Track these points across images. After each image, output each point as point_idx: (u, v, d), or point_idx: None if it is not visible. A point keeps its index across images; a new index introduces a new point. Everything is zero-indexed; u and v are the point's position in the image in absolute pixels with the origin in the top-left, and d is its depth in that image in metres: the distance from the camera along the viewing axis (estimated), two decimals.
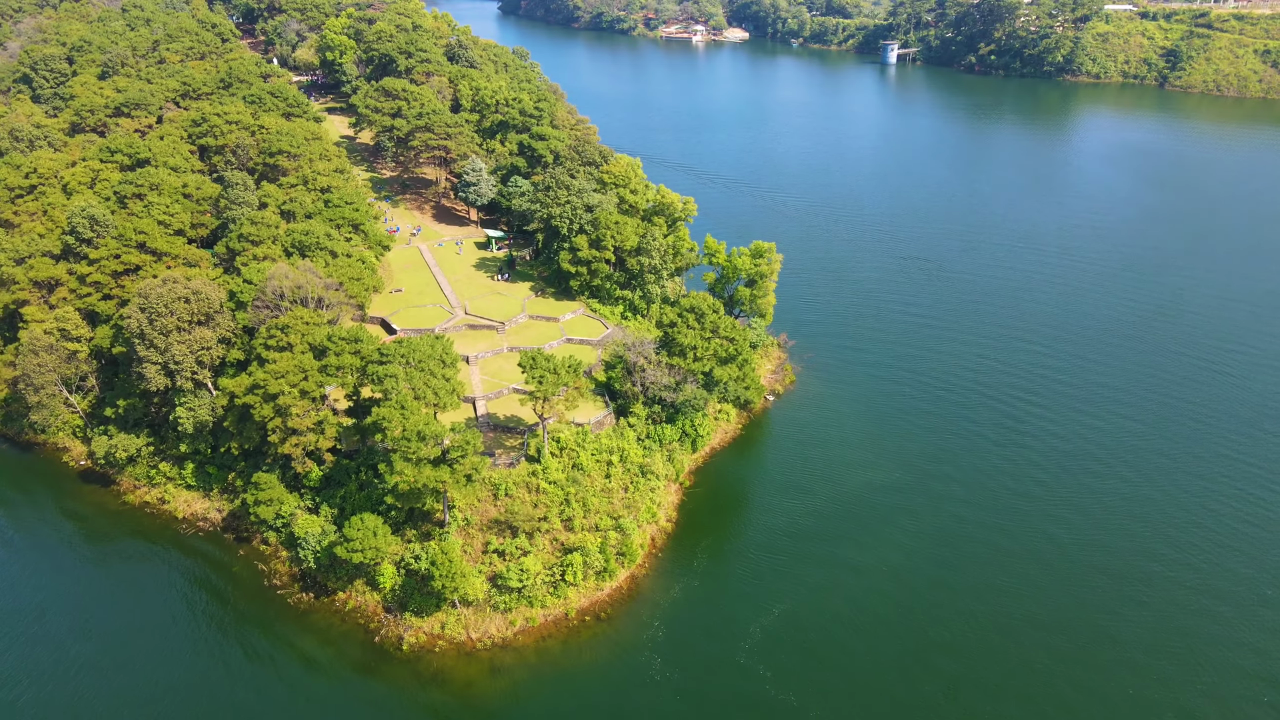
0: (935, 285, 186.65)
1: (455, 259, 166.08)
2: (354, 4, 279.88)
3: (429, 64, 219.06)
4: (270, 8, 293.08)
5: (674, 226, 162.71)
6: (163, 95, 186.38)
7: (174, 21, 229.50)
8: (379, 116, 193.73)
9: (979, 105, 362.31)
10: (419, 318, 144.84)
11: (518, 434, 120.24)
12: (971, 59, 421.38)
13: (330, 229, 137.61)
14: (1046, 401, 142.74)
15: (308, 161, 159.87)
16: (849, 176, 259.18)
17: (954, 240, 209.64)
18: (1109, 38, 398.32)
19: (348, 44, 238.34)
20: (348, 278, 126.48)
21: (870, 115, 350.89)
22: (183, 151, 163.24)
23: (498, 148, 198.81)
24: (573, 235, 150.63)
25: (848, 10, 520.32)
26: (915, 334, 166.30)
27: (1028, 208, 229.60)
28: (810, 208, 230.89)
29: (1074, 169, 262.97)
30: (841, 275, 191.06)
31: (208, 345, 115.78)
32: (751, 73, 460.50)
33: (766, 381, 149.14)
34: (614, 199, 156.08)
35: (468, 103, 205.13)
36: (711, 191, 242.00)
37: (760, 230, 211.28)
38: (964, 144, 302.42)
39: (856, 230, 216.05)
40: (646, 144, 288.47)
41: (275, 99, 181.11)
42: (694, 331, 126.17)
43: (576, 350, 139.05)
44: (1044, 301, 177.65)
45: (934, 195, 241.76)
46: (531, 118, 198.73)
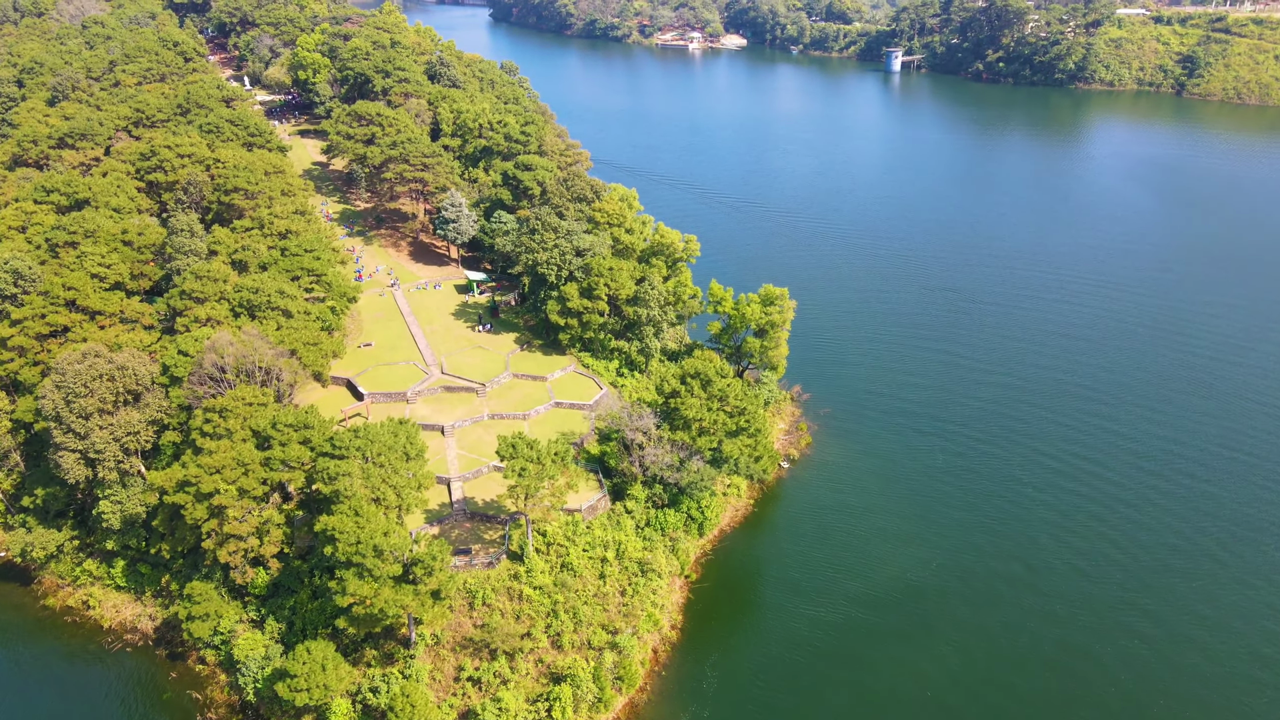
0: (962, 319, 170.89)
1: (432, 306, 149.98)
2: (331, 18, 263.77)
3: (408, 84, 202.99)
4: (243, 22, 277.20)
5: (674, 268, 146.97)
6: (113, 124, 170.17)
7: (133, 40, 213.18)
8: (350, 144, 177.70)
9: (990, 116, 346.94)
10: (389, 378, 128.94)
11: (498, 523, 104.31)
12: (979, 66, 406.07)
13: (286, 282, 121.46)
14: (1108, 462, 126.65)
15: (266, 200, 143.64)
16: (859, 196, 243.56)
17: (978, 267, 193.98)
18: (1122, 44, 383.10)
19: (321, 62, 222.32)
20: (302, 343, 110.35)
21: (877, 127, 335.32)
22: (129, 189, 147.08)
23: (481, 176, 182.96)
24: (561, 283, 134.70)
25: (848, 16, 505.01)
26: (944, 377, 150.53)
27: (1056, 231, 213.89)
28: (818, 230, 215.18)
29: (1099, 187, 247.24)
30: (856, 308, 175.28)
31: (134, 430, 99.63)
32: (750, 82, 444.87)
33: (780, 445, 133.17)
34: (607, 240, 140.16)
35: (448, 127, 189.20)
36: (713, 213, 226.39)
37: (766, 259, 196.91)
38: (979, 159, 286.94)
39: (870, 256, 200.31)
40: (643, 160, 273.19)
41: (235, 127, 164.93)
42: (699, 400, 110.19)
43: (566, 417, 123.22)
44: (1088, 339, 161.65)
45: (952, 216, 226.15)
46: (518, 143, 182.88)
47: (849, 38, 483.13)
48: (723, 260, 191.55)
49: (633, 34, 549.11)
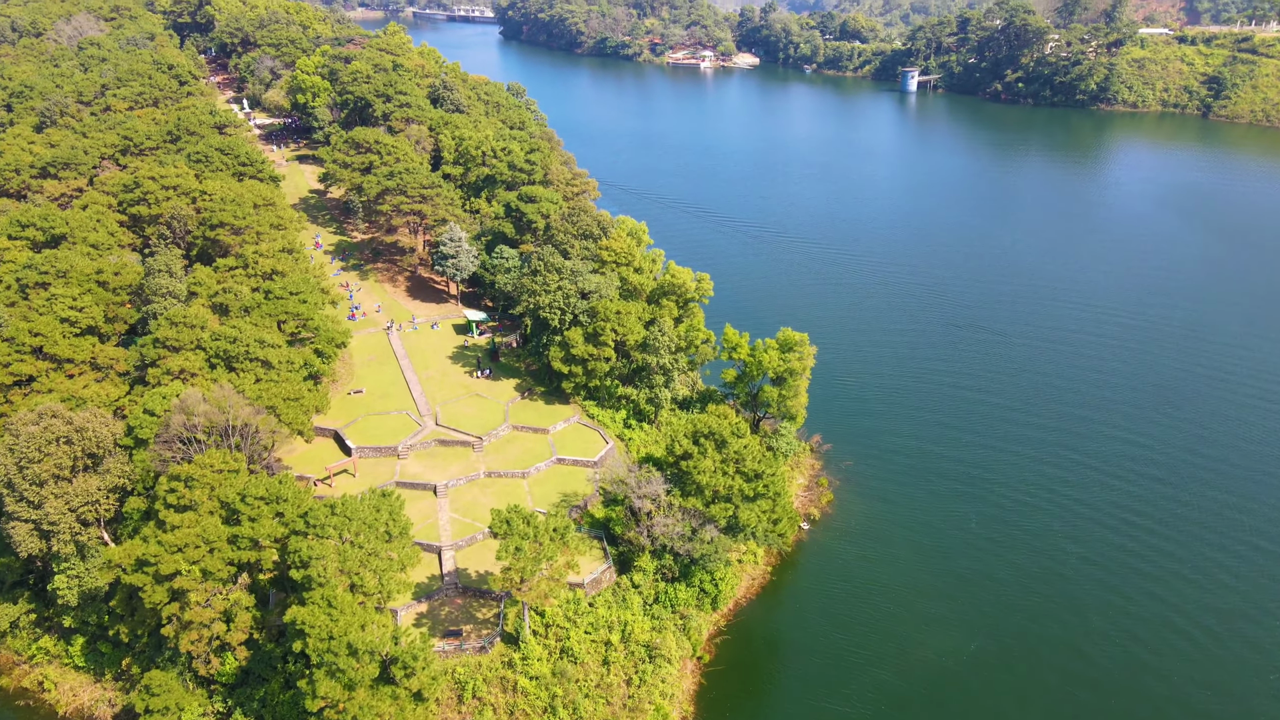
0: (992, 359, 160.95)
1: (429, 348, 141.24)
2: (333, 39, 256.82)
3: (409, 109, 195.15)
4: (245, 42, 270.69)
5: (686, 308, 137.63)
6: (99, 152, 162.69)
7: (126, 63, 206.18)
8: (347, 173, 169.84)
9: (1010, 138, 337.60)
10: (380, 430, 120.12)
11: (493, 599, 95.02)
12: (997, 86, 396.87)
13: (269, 328, 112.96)
14: (1163, 526, 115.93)
15: (254, 236, 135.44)
16: (877, 224, 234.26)
17: (1008, 302, 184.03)
18: (1145, 64, 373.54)
19: (321, 85, 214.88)
20: (282, 399, 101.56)
21: (895, 150, 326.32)
22: (109, 223, 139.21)
23: (483, 207, 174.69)
24: (565, 328, 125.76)
25: (863, 35, 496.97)
26: (975, 424, 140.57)
27: (1089, 264, 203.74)
28: (837, 260, 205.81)
29: (1130, 215, 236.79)
30: (879, 347, 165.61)
31: (93, 499, 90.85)
32: (763, 102, 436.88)
33: (799, 503, 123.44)
34: (614, 280, 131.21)
35: (450, 155, 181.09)
36: (726, 241, 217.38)
37: (781, 292, 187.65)
38: (1001, 184, 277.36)
39: (892, 289, 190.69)
40: (654, 184, 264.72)
41: (225, 156, 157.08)
42: (713, 463, 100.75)
43: (569, 476, 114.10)
44: (1131, 384, 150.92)
45: (976, 247, 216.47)
46: (522, 172, 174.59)
47: (863, 57, 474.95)
48: (737, 293, 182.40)
49: (644, 52, 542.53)
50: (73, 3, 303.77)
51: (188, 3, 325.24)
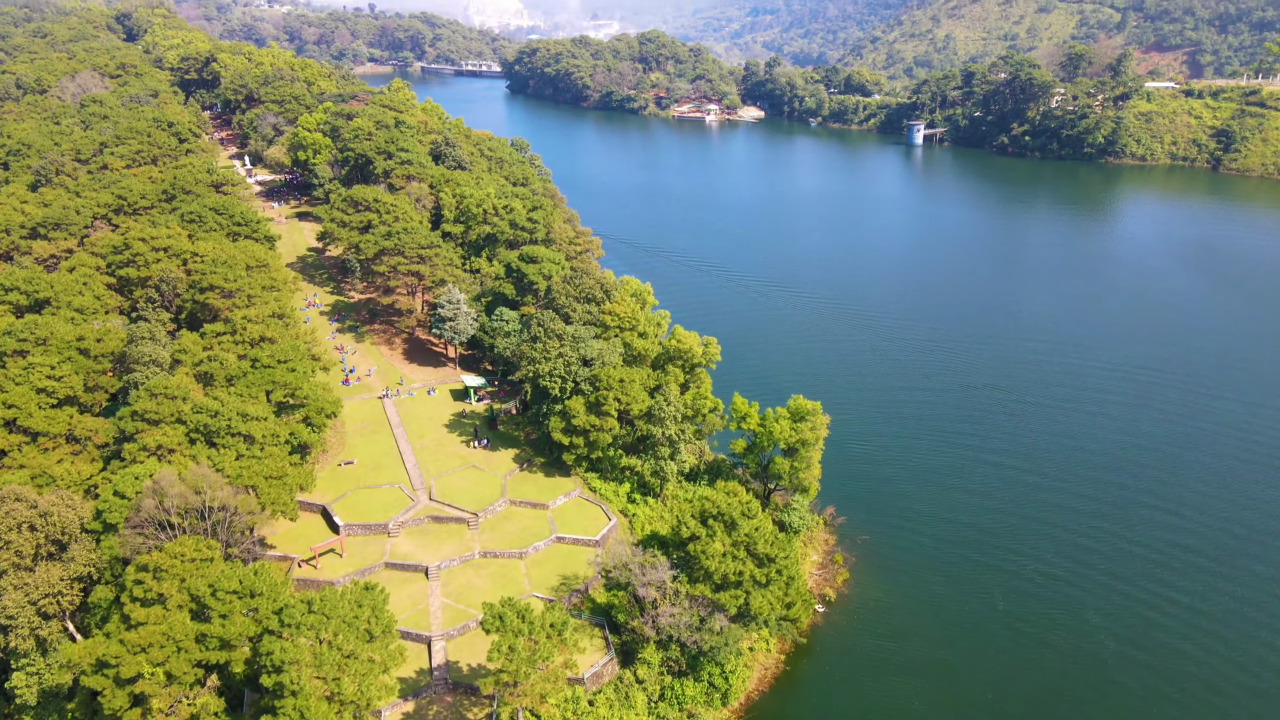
0: (1012, 422, 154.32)
1: (425, 416, 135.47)
2: (337, 95, 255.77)
3: (410, 166, 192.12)
4: (249, 99, 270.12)
5: (693, 373, 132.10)
6: (91, 211, 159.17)
7: (126, 121, 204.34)
8: (345, 232, 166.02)
9: (1019, 192, 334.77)
10: (370, 505, 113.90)
11: (486, 698, 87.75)
12: (1004, 139, 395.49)
13: (254, 399, 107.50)
14: (1209, 605, 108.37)
15: (244, 299, 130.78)
16: (888, 280, 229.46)
17: (1026, 362, 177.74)
18: (1152, 117, 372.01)
19: (323, 142, 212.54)
20: (264, 477, 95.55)
21: (903, 204, 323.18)
22: (96, 286, 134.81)
23: (484, 266, 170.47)
24: (566, 397, 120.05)
25: (867, 89, 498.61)
26: (997, 492, 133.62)
27: (1109, 323, 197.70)
28: (847, 317, 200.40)
29: (1147, 272, 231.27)
30: (893, 409, 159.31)
31: (55, 590, 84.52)
32: (769, 155, 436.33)
33: (813, 583, 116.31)
34: (618, 347, 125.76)
35: (450, 213, 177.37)
36: (734, 297, 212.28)
37: (790, 351, 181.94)
38: (1014, 239, 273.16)
39: (905, 347, 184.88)
40: (660, 239, 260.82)
41: (219, 216, 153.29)
42: (722, 547, 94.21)
43: (569, 556, 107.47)
44: (1161, 449, 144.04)
45: (989, 303, 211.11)
46: (523, 230, 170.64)
47: (868, 110, 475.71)
48: (745, 352, 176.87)
49: (649, 105, 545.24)
50: (79, 60, 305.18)
51: (194, 60, 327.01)
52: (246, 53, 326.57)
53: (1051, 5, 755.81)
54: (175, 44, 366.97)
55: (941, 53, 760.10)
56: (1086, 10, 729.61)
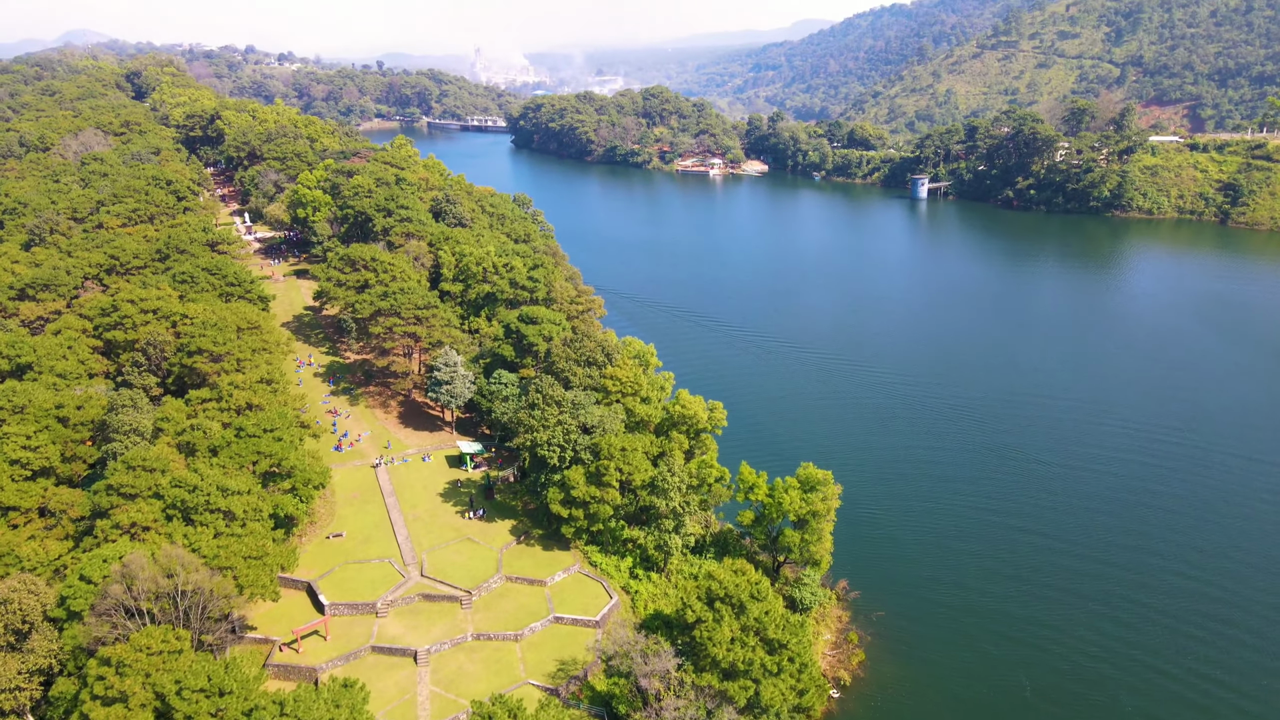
0: (1034, 488, 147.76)
1: (418, 484, 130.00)
2: (339, 152, 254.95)
3: (410, 223, 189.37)
4: (250, 156, 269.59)
5: (698, 439, 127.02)
6: (82, 272, 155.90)
7: (124, 179, 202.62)
8: (341, 291, 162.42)
9: (1027, 246, 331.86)
10: (358, 582, 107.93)
11: None
12: (1009, 193, 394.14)
13: (238, 470, 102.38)
14: (1261, 692, 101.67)
15: (234, 363, 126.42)
16: (897, 336, 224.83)
17: (1043, 423, 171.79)
18: (1158, 171, 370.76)
19: (322, 199, 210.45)
20: (243, 557, 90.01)
21: (909, 258, 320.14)
22: (81, 350, 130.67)
23: (483, 326, 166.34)
24: (565, 466, 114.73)
25: (870, 143, 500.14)
26: (1023, 565, 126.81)
27: (1125, 382, 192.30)
28: (856, 375, 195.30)
29: (1160, 327, 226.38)
30: (906, 472, 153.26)
31: (12, 684, 78.55)
32: (774, 209, 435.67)
33: (827, 665, 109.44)
34: (619, 413, 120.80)
35: (450, 271, 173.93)
36: (739, 355, 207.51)
37: (799, 412, 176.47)
38: (1024, 295, 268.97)
39: (916, 407, 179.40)
40: (664, 294, 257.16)
41: (212, 276, 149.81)
42: (730, 630, 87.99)
43: (568, 638, 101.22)
44: (1196, 523, 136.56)
45: (1001, 360, 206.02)
46: (524, 290, 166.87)
47: (872, 164, 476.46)
48: (752, 414, 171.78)
49: (653, 160, 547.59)
50: (84, 118, 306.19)
51: (199, 117, 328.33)
52: (251, 110, 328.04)
53: (1051, 61, 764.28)
54: (182, 101, 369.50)
55: (943, 107, 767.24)
56: (1086, 65, 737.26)
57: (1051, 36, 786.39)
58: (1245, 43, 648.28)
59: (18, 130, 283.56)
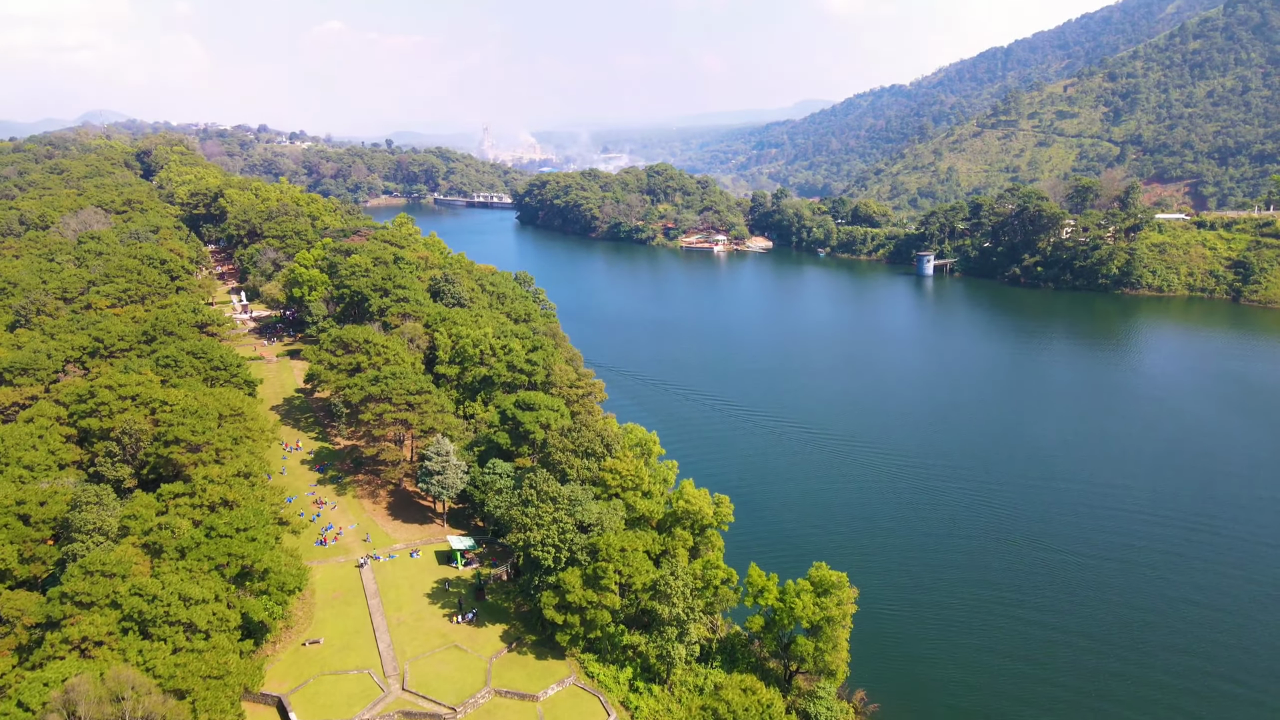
0: (1061, 583, 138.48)
1: (405, 583, 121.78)
2: (339, 230, 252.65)
3: (406, 304, 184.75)
4: (251, 234, 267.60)
5: (703, 535, 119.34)
6: (63, 355, 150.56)
7: (117, 258, 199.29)
8: (333, 374, 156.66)
9: (1036, 325, 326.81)
10: (333, 696, 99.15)
11: None
12: (1016, 270, 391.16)
13: (206, 575, 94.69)
14: None
15: (212, 453, 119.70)
16: (910, 418, 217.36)
17: (1065, 512, 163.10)
18: (1166, 248, 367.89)
19: (319, 279, 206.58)
20: (202, 677, 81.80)
21: (919, 337, 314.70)
22: (53, 439, 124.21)
23: (479, 411, 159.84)
24: (560, 568, 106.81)
25: (874, 219, 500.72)
26: (1055, 669, 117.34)
27: (1148, 468, 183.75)
28: (869, 460, 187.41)
29: (1180, 410, 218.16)
30: (926, 568, 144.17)
31: None
32: (779, 286, 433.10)
33: None
34: (619, 510, 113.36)
35: (445, 354, 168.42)
36: (745, 437, 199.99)
37: (810, 504, 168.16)
38: (1036, 374, 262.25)
39: (933, 494, 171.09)
40: (668, 373, 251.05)
41: (196, 360, 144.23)
42: None
43: None
44: (1242, 624, 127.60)
45: (1020, 446, 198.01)
46: (521, 373, 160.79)
47: (877, 241, 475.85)
48: (759, 500, 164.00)
49: (657, 236, 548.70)
50: (87, 196, 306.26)
51: (203, 195, 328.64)
52: (254, 188, 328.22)
53: (1050, 139, 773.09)
54: (188, 179, 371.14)
55: (945, 184, 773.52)
56: (1085, 144, 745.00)
57: (1050, 116, 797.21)
58: (1244, 122, 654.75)
59: (19, 209, 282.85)
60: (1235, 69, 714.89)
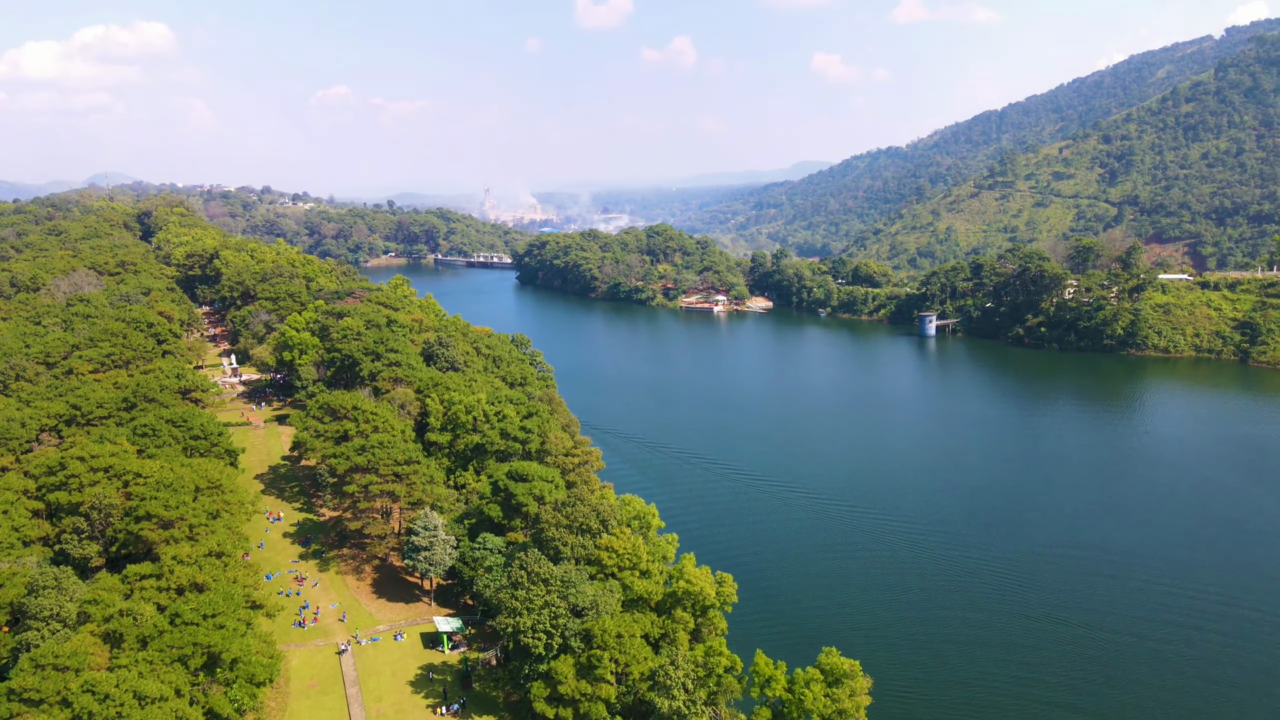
0: (1088, 662, 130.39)
1: (387, 669, 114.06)
2: (333, 292, 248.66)
3: (398, 368, 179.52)
4: (244, 296, 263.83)
5: (705, 616, 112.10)
6: (38, 423, 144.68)
7: (103, 322, 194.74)
8: (319, 443, 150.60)
9: (1042, 387, 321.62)
10: None
11: None
12: (1019, 330, 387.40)
13: (166, 667, 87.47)
14: None
15: (185, 529, 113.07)
16: (919, 486, 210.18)
17: (1086, 585, 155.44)
18: (1170, 309, 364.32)
19: (310, 342, 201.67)
20: None
21: (924, 399, 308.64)
22: (18, 515, 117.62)
23: (470, 480, 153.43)
24: (552, 655, 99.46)
25: (875, 279, 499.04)
26: None
27: (1170, 538, 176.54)
28: (879, 530, 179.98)
29: (1199, 477, 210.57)
30: (942, 641, 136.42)
31: None
32: (780, 347, 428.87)
33: None
34: (616, 591, 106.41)
35: (437, 420, 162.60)
36: (749, 505, 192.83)
37: (817, 576, 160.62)
38: (1044, 438, 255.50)
39: (947, 566, 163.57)
40: (669, 438, 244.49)
41: (176, 428, 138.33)
42: None
43: None
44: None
45: (1034, 514, 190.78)
46: (515, 441, 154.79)
47: (878, 301, 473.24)
48: (765, 575, 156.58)
49: (657, 296, 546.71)
50: (82, 257, 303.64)
51: (200, 256, 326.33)
52: (250, 249, 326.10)
53: (1048, 200, 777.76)
54: (185, 241, 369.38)
55: (943, 244, 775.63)
56: (1083, 205, 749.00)
57: (1047, 177, 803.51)
58: (1239, 183, 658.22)
59: (10, 270, 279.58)
60: (1229, 131, 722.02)
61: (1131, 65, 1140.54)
